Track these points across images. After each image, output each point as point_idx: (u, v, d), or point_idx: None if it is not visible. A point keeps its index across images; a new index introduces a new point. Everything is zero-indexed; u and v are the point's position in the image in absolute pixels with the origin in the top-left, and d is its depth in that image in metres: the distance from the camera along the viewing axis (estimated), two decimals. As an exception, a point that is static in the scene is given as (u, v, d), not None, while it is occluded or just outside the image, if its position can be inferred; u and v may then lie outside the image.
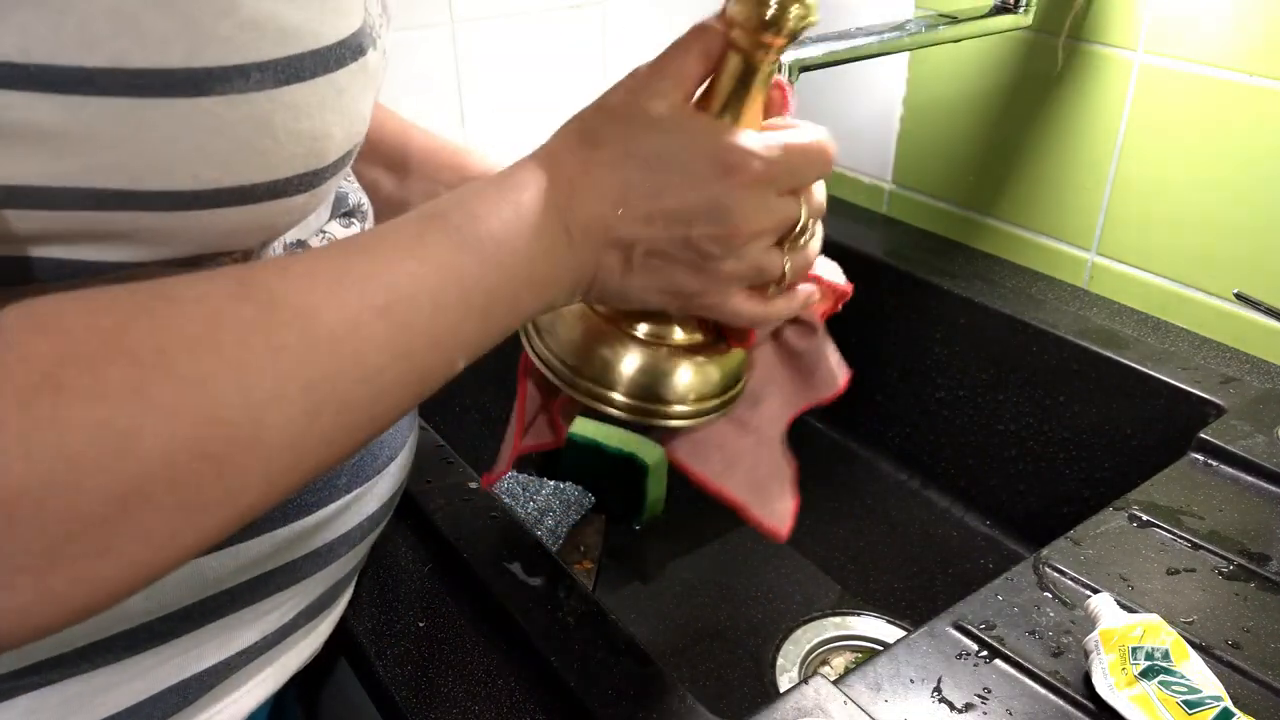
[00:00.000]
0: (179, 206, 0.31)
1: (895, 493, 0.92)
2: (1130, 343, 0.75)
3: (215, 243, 0.34)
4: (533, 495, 0.85)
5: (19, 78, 0.27)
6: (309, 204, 0.36)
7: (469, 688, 0.48)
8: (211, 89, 0.29)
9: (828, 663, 0.74)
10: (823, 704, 0.45)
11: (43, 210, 0.29)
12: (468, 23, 0.91)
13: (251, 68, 0.30)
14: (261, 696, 0.45)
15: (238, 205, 0.32)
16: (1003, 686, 0.47)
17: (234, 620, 0.41)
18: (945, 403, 0.88)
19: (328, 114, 0.33)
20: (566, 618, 0.50)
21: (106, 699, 0.39)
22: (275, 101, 0.31)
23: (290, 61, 0.31)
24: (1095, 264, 0.84)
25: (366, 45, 0.36)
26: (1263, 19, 0.68)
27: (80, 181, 0.29)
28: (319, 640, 0.48)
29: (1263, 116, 0.70)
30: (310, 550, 0.43)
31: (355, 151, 0.38)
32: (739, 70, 0.41)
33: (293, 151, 0.33)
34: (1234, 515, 0.58)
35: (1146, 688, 0.44)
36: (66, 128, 0.28)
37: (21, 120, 0.27)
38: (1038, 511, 0.83)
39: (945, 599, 0.71)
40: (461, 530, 0.57)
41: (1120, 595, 0.51)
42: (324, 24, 0.33)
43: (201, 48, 0.29)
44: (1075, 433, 0.78)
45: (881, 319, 0.92)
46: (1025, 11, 0.78)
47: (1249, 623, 0.50)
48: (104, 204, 0.30)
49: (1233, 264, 0.74)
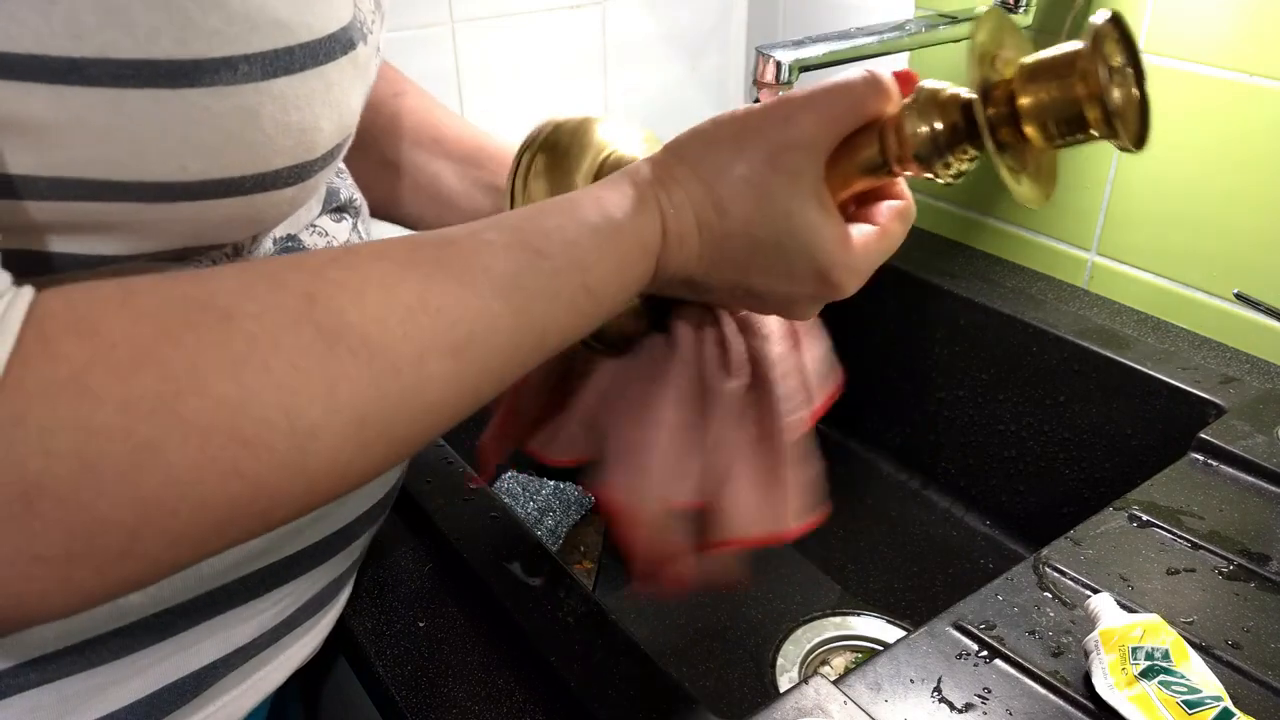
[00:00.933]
0: (167, 198, 0.31)
1: (895, 493, 0.92)
2: (1130, 343, 0.75)
3: (204, 235, 0.34)
4: (533, 495, 0.85)
5: (7, 67, 0.27)
6: (298, 197, 0.36)
7: (469, 688, 0.48)
8: (200, 80, 0.29)
9: (828, 663, 0.74)
10: (823, 704, 0.45)
11: (29, 201, 0.29)
12: (468, 23, 0.91)
13: (240, 59, 0.30)
14: (261, 694, 0.45)
15: (226, 197, 0.32)
16: (1003, 686, 0.47)
17: (232, 616, 0.41)
18: (945, 403, 0.88)
19: (317, 106, 0.33)
20: (566, 618, 0.50)
21: (105, 696, 0.39)
22: (263, 93, 0.31)
23: (279, 54, 0.31)
24: (1095, 264, 0.84)
25: (356, 39, 0.36)
26: (1263, 19, 0.68)
27: (67, 172, 0.29)
28: (319, 638, 0.48)
29: (1263, 116, 0.70)
30: (306, 545, 0.43)
31: (345, 145, 0.38)
32: (873, 161, 0.38)
33: (281, 144, 0.33)
34: (1234, 515, 0.58)
35: (1146, 688, 0.44)
36: (54, 118, 0.28)
37: (8, 110, 0.27)
38: (1038, 511, 0.83)
39: (945, 599, 0.70)
40: (461, 530, 0.57)
41: (1120, 595, 0.51)
42: (314, 17, 0.33)
43: (190, 39, 0.29)
44: (1075, 433, 0.78)
45: (881, 319, 0.92)
46: (1025, 11, 0.78)
47: (1249, 623, 0.50)
48: (91, 194, 0.30)
49: (1233, 264, 0.74)
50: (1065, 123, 0.34)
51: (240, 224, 0.35)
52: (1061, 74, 0.33)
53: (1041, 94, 0.33)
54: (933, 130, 0.36)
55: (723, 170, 0.38)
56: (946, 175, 0.37)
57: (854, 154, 0.39)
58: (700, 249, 0.39)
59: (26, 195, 0.29)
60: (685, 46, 1.07)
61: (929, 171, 0.37)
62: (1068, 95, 0.33)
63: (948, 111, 0.36)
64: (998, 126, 0.35)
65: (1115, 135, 0.33)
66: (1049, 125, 0.34)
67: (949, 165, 0.37)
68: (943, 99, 0.36)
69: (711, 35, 1.08)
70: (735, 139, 0.38)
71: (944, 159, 0.37)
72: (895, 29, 0.75)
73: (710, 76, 1.10)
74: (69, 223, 0.31)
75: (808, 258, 0.39)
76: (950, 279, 0.86)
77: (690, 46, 1.07)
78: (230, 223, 0.34)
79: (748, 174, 0.38)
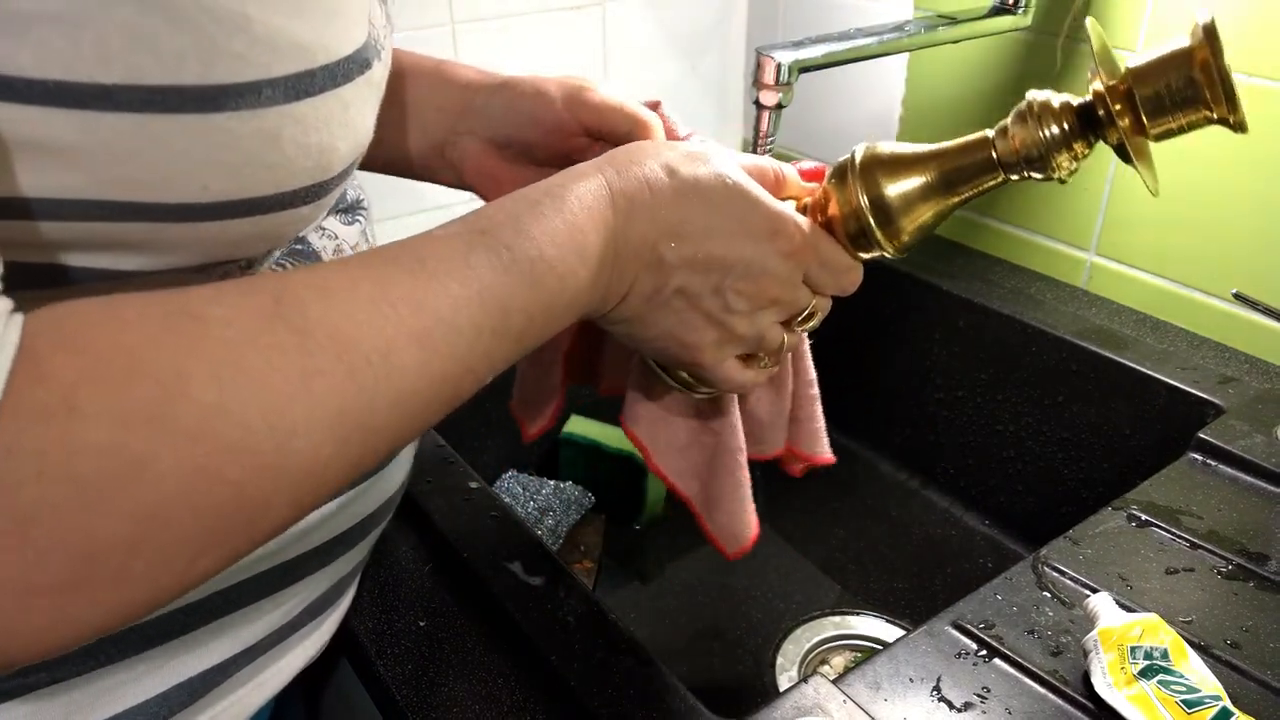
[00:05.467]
0: (188, 218, 0.31)
1: (895, 493, 0.92)
2: (1129, 343, 0.75)
3: (223, 252, 0.34)
4: (533, 495, 0.85)
5: (36, 93, 0.27)
6: (314, 214, 0.36)
7: (469, 687, 0.49)
8: (224, 105, 0.30)
9: (827, 662, 0.74)
10: (822, 703, 0.45)
11: (53, 221, 0.29)
12: (468, 23, 0.91)
13: (264, 84, 0.30)
14: (268, 694, 0.45)
15: (246, 216, 0.32)
16: (1002, 686, 0.47)
17: (239, 617, 0.42)
18: (945, 403, 0.89)
19: (334, 128, 0.34)
20: (566, 618, 0.50)
21: (113, 697, 0.39)
22: (285, 116, 0.31)
23: (300, 78, 0.31)
24: (1094, 264, 0.84)
25: (372, 58, 0.36)
26: (1263, 19, 0.68)
27: (92, 194, 0.29)
28: (323, 639, 0.48)
29: (1262, 117, 0.70)
30: (312, 547, 0.43)
31: (357, 162, 0.38)
32: (984, 166, 0.43)
33: (300, 165, 0.33)
34: (1233, 515, 0.58)
35: (1145, 687, 0.44)
36: (81, 142, 0.28)
37: (36, 135, 0.27)
38: (1037, 511, 0.83)
39: (944, 598, 0.71)
40: (461, 530, 0.57)
41: (1119, 595, 0.51)
42: (333, 39, 0.33)
43: (215, 64, 0.29)
44: (1074, 433, 0.78)
45: (881, 319, 0.92)
46: (1025, 12, 0.79)
47: (1248, 622, 0.50)
48: (114, 215, 0.30)
49: (1231, 264, 0.75)
50: (1184, 106, 0.39)
51: (257, 241, 0.35)
52: (1180, 65, 0.39)
53: (1160, 84, 0.39)
54: (1049, 134, 0.41)
55: (660, 152, 0.42)
56: (1060, 173, 0.41)
57: (957, 166, 0.43)
58: (654, 211, 0.40)
59: (47, 216, 0.29)
60: (685, 47, 1.07)
61: (1039, 171, 0.41)
62: (1188, 79, 0.38)
63: (1062, 115, 0.41)
64: (1119, 115, 0.40)
65: (1235, 111, 0.38)
66: (1167, 112, 0.39)
67: (1061, 164, 0.41)
68: (1056, 105, 0.41)
69: (711, 35, 1.08)
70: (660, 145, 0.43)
71: (1056, 157, 0.41)
72: (895, 30, 0.75)
73: (710, 76, 1.10)
74: (89, 241, 0.31)
75: (754, 207, 0.42)
76: (949, 279, 0.87)
77: (690, 47, 1.07)
78: (248, 240, 0.34)
79: (684, 151, 0.42)
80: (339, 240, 0.44)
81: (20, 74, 0.26)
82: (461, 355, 0.33)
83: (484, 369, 0.35)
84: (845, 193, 0.43)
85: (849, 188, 0.43)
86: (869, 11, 0.95)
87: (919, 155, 0.43)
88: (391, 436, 0.32)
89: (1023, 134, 0.41)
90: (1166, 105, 0.39)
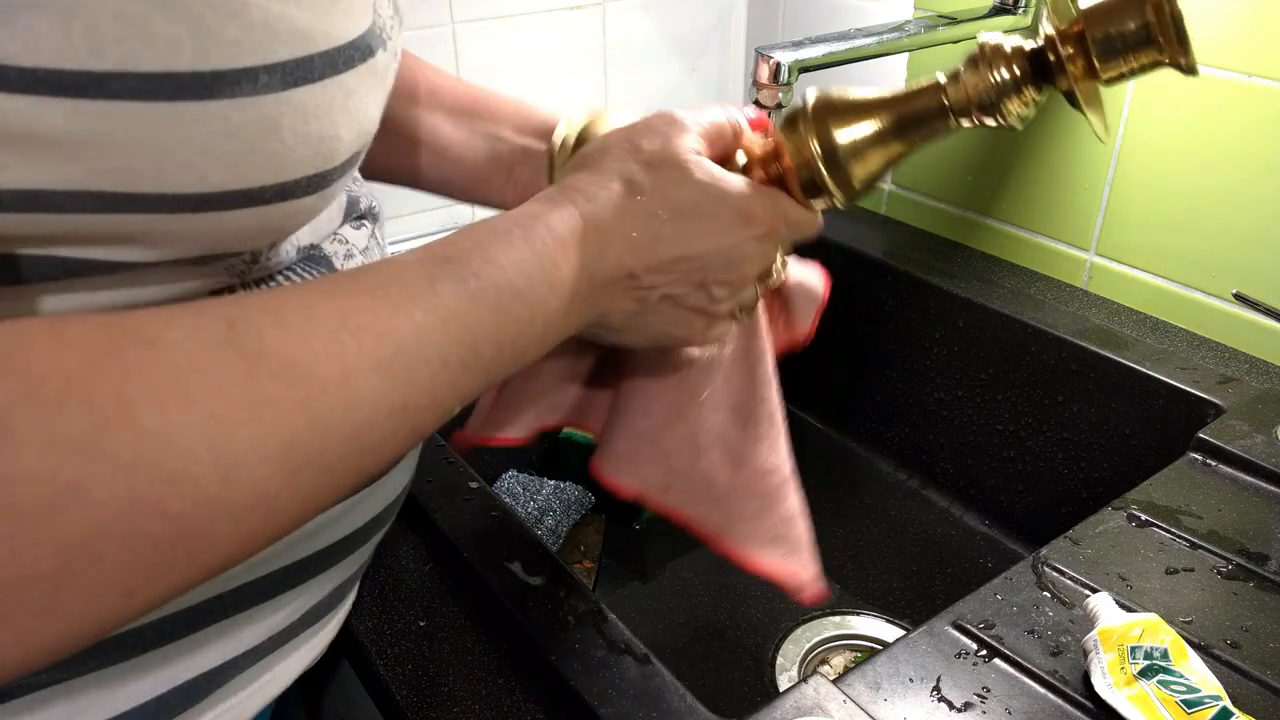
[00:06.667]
0: (186, 209, 0.31)
1: (895, 493, 0.92)
2: (1129, 343, 0.75)
3: (224, 244, 0.34)
4: (533, 495, 0.85)
5: (26, 82, 0.26)
6: (317, 205, 0.36)
7: (469, 687, 0.49)
8: (220, 92, 0.29)
9: (827, 662, 0.74)
10: (822, 703, 0.45)
11: (49, 214, 0.29)
12: (468, 24, 0.91)
13: (260, 70, 0.30)
14: (268, 696, 0.45)
15: (246, 207, 0.32)
16: (1001, 686, 0.47)
17: (240, 619, 0.41)
18: (944, 403, 0.89)
19: (336, 115, 0.33)
20: (566, 617, 0.50)
21: (113, 698, 0.38)
22: (283, 103, 0.31)
23: (299, 63, 0.31)
24: (1094, 264, 0.84)
25: (375, 46, 0.35)
26: (1262, 19, 0.68)
27: (87, 185, 0.29)
28: (325, 641, 0.48)
29: (1262, 116, 0.70)
30: (315, 550, 0.43)
31: (363, 153, 0.38)
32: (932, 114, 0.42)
33: (301, 154, 0.32)
34: (1233, 515, 0.58)
35: (1145, 687, 0.44)
36: (74, 132, 0.27)
37: (28, 125, 0.27)
38: (1036, 511, 0.83)
39: (944, 598, 0.71)
40: (461, 530, 0.57)
41: (1119, 595, 0.51)
42: (333, 25, 0.32)
43: (210, 50, 0.28)
44: (1074, 433, 0.78)
45: (881, 319, 0.92)
46: (1025, 12, 0.79)
47: (1248, 622, 0.50)
48: (111, 207, 0.30)
49: (1231, 264, 0.75)
50: (1136, 48, 0.39)
51: (259, 232, 0.34)
52: (1134, 5, 0.38)
53: (1112, 26, 0.38)
54: (999, 77, 0.41)
55: (625, 159, 0.42)
56: (1011, 119, 0.41)
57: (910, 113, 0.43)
58: (626, 235, 0.40)
59: (41, 208, 0.28)
60: (685, 47, 1.07)
61: (991, 117, 0.41)
62: (1141, 21, 0.38)
63: (1013, 59, 0.40)
64: (1070, 60, 0.40)
65: (1186, 54, 0.38)
66: (1119, 54, 0.39)
67: (1011, 110, 0.41)
68: (1007, 49, 0.41)
69: (711, 36, 1.08)
70: (626, 137, 0.43)
71: (1007, 102, 0.41)
72: (894, 30, 0.75)
73: (710, 77, 1.10)
74: (85, 234, 0.30)
75: (722, 203, 0.42)
76: (949, 279, 0.87)
77: (690, 47, 1.07)
78: (250, 231, 0.34)
79: (648, 157, 0.42)
80: (349, 245, 0.44)
81: (10, 63, 0.26)
82: (425, 385, 0.32)
83: (451, 400, 0.34)
84: (796, 141, 0.43)
85: (800, 136, 0.43)
86: (869, 11, 0.95)
87: (870, 102, 0.43)
88: (349, 473, 0.31)
89: (974, 79, 0.41)
90: (1118, 47, 0.39)
